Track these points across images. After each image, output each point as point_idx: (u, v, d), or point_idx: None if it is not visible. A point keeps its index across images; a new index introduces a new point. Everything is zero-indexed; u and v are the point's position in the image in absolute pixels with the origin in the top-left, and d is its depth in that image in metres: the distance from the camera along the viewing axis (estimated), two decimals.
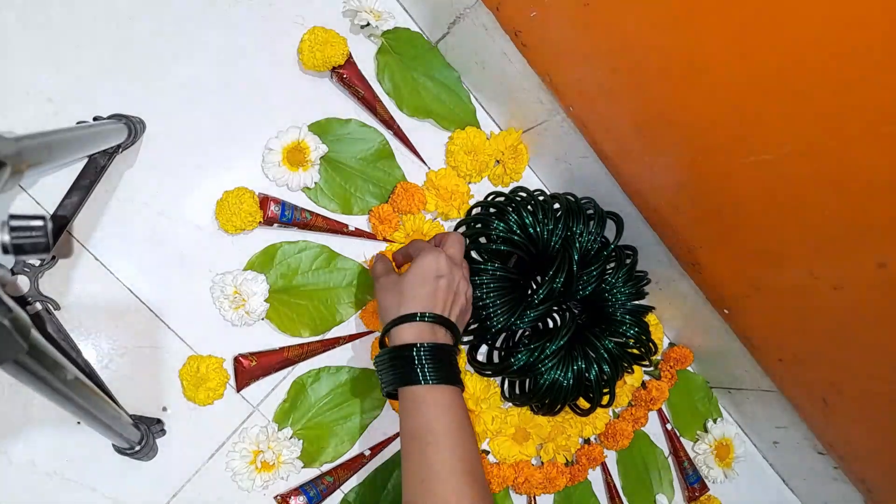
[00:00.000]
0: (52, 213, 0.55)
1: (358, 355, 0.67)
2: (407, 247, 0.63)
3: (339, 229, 0.66)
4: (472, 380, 0.69)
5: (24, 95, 0.56)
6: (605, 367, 0.65)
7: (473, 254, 0.67)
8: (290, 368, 0.64)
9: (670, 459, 0.81)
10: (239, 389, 0.62)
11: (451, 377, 0.53)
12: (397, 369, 0.53)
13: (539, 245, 0.65)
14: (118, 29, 0.59)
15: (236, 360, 0.61)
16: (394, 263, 0.65)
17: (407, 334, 0.54)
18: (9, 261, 0.53)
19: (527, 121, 0.70)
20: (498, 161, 0.73)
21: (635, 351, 0.70)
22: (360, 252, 0.67)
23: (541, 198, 0.67)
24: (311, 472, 0.64)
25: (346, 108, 0.68)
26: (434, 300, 0.55)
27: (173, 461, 0.60)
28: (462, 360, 0.69)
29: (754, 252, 0.59)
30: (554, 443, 0.72)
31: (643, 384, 0.79)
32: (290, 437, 0.63)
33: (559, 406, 0.67)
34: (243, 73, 0.63)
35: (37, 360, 0.33)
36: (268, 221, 0.62)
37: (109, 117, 0.56)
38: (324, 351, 0.65)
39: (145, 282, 0.59)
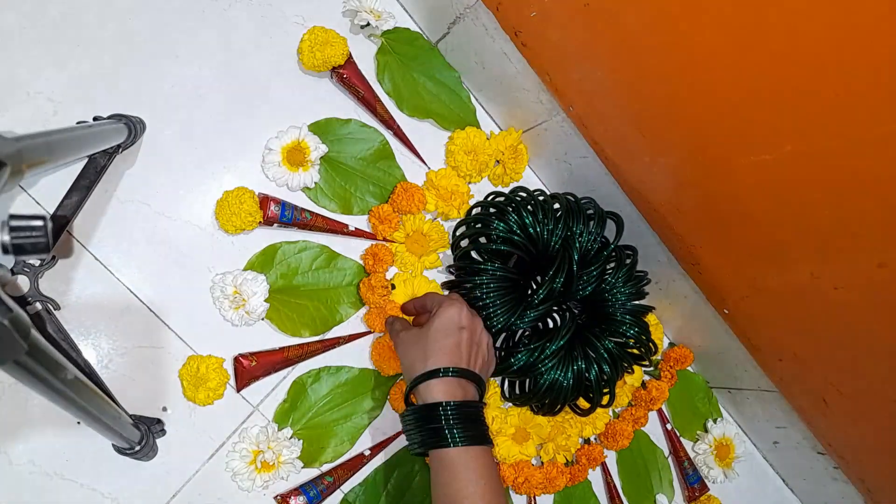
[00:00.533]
0: (52, 213, 0.55)
1: (358, 355, 0.67)
2: (422, 298, 0.62)
3: (339, 229, 0.66)
4: None
5: (24, 95, 0.56)
6: (605, 367, 0.65)
7: (473, 254, 0.67)
8: (290, 368, 0.64)
9: (670, 459, 0.81)
10: (239, 389, 0.62)
11: (480, 436, 0.51)
12: (426, 430, 0.51)
13: (539, 245, 0.65)
14: (118, 29, 0.59)
15: (236, 360, 0.61)
16: (405, 317, 0.64)
17: (435, 391, 0.52)
18: (9, 261, 0.53)
19: (527, 121, 0.70)
20: (498, 161, 0.73)
21: (635, 351, 0.70)
22: (360, 252, 0.68)
23: (541, 198, 0.67)
24: (311, 472, 0.64)
25: (346, 108, 0.68)
26: (459, 352, 0.53)
27: (173, 461, 0.60)
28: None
29: (754, 252, 0.59)
30: (554, 443, 0.72)
31: (643, 384, 0.79)
32: (290, 437, 0.63)
33: (559, 406, 0.67)
34: (243, 73, 0.63)
35: (37, 361, 0.33)
36: (268, 221, 0.62)
37: (109, 117, 0.56)
38: (324, 351, 0.65)
39: (145, 282, 0.59)
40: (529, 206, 0.66)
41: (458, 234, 0.69)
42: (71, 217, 0.55)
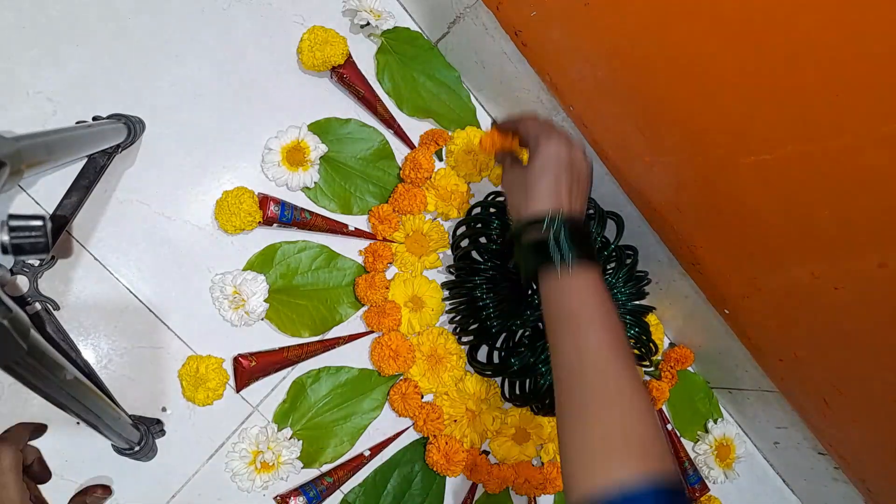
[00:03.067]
0: (51, 213, 0.55)
1: (358, 355, 0.67)
2: (517, 124, 0.60)
3: (338, 229, 0.66)
4: (472, 380, 0.69)
5: (24, 95, 0.56)
6: None
7: (473, 254, 0.67)
8: (289, 368, 0.64)
9: None
10: (239, 390, 0.62)
11: (588, 255, 0.53)
12: (536, 256, 0.53)
13: None
14: (118, 29, 0.59)
15: (236, 360, 0.61)
16: (498, 141, 0.63)
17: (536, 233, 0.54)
18: (8, 261, 0.53)
19: None
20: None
21: (636, 351, 0.69)
22: (360, 251, 0.67)
23: None
24: (311, 473, 0.64)
25: (346, 107, 0.68)
26: (560, 193, 0.54)
27: (173, 462, 0.60)
28: (463, 360, 0.69)
29: (754, 252, 0.59)
30: (554, 443, 0.72)
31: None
32: (290, 438, 0.62)
33: None
34: (243, 73, 0.63)
35: (36, 361, 0.33)
36: (267, 221, 0.62)
37: (109, 117, 0.56)
38: (324, 351, 0.65)
39: (145, 282, 0.59)
40: None
41: (458, 234, 0.68)
42: (70, 217, 0.55)
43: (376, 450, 0.66)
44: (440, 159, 0.70)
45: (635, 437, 0.45)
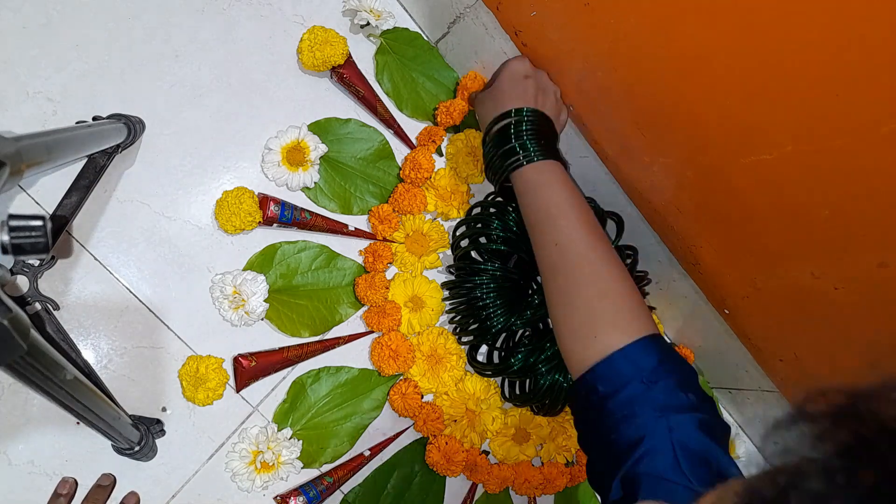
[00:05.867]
0: (51, 213, 0.55)
1: (358, 355, 0.67)
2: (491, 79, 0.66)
3: (338, 229, 0.66)
4: (472, 380, 0.69)
5: (24, 95, 0.56)
6: None
7: (473, 254, 0.67)
8: (289, 368, 0.64)
9: None
10: (238, 390, 0.62)
11: (554, 153, 0.57)
12: (502, 154, 0.56)
13: None
14: (118, 29, 0.59)
15: (236, 360, 0.61)
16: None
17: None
18: (8, 261, 0.53)
19: None
20: None
21: None
22: (360, 251, 0.67)
23: None
24: (311, 473, 0.64)
25: (345, 107, 0.68)
26: (526, 96, 0.58)
27: (173, 462, 0.60)
28: (463, 360, 0.69)
29: (754, 252, 0.59)
30: (554, 443, 0.72)
31: None
32: (290, 438, 0.62)
33: (559, 406, 0.67)
34: (243, 73, 0.63)
35: (36, 361, 0.33)
36: (267, 221, 0.62)
37: (109, 117, 0.56)
38: (324, 351, 0.65)
39: (145, 282, 0.59)
40: None
41: (458, 234, 0.68)
42: (70, 217, 0.55)
43: (376, 450, 0.66)
44: (440, 155, 0.70)
45: (618, 311, 0.51)
